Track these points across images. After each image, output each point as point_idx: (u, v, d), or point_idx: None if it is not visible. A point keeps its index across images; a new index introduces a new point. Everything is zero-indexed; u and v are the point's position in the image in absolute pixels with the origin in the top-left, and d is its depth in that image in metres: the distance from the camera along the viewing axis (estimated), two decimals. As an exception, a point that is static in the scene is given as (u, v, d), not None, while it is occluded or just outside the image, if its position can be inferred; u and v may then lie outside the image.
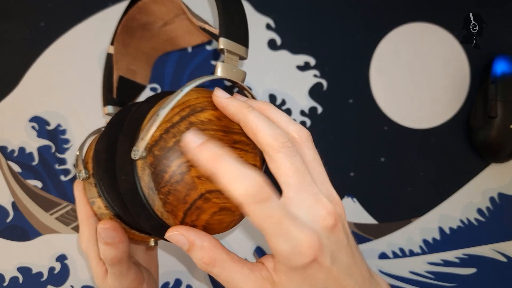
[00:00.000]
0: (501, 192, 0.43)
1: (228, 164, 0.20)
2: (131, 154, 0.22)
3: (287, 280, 0.22)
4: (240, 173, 0.20)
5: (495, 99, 0.41)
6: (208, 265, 0.23)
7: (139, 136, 0.22)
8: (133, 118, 0.24)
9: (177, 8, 0.32)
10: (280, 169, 0.22)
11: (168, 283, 0.41)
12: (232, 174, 0.20)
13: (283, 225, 0.21)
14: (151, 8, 0.32)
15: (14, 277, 0.41)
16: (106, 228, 0.27)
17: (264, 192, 0.20)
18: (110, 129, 0.26)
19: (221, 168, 0.20)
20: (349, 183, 0.42)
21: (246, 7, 0.43)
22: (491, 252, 0.43)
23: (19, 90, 0.42)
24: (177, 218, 0.23)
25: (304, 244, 0.21)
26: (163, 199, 0.23)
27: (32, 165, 0.41)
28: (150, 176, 0.22)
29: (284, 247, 0.21)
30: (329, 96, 0.43)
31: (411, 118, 0.44)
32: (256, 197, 0.20)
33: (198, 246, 0.23)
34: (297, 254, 0.21)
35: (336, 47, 0.43)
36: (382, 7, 0.44)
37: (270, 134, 0.22)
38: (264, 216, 0.20)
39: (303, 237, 0.21)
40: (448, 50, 0.44)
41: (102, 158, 0.25)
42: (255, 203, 0.20)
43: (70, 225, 0.41)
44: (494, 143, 0.41)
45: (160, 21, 0.34)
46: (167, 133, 0.22)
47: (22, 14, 0.42)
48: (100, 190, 0.26)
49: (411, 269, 0.42)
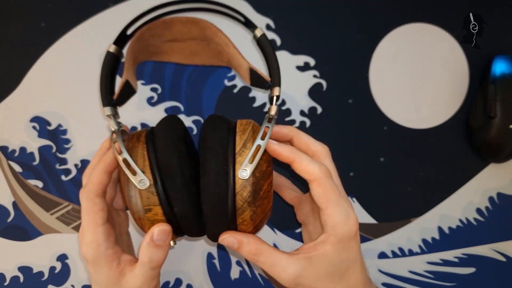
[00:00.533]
0: (500, 192, 0.43)
1: (302, 154, 0.30)
2: (236, 174, 0.29)
3: (332, 250, 0.29)
4: (311, 160, 0.30)
5: (495, 99, 0.41)
6: (255, 255, 0.29)
7: (239, 161, 0.29)
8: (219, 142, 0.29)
9: (199, 33, 0.37)
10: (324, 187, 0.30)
11: (168, 282, 0.41)
12: (307, 160, 0.29)
13: (340, 198, 0.29)
14: (175, 27, 0.35)
15: (15, 276, 0.41)
16: (165, 230, 0.30)
17: (329, 172, 0.30)
18: (177, 145, 0.30)
19: (298, 157, 0.30)
20: (348, 183, 0.42)
21: (245, 7, 0.43)
22: (490, 252, 0.43)
23: (20, 90, 0.42)
24: (254, 224, 0.30)
25: (353, 217, 0.29)
26: (254, 210, 0.29)
27: (32, 165, 0.42)
28: (251, 193, 0.29)
29: (340, 216, 0.29)
30: (328, 96, 0.43)
31: (411, 118, 0.44)
32: (327, 173, 0.29)
33: (245, 242, 0.29)
34: (348, 225, 0.29)
35: (335, 48, 0.44)
36: (381, 8, 0.44)
37: (314, 167, 0.30)
38: (330, 187, 0.29)
39: (352, 212, 0.30)
40: (447, 50, 0.44)
41: (176, 172, 0.29)
42: (326, 177, 0.29)
43: (70, 224, 0.41)
44: (494, 143, 0.41)
45: (171, 37, 0.37)
46: (261, 159, 0.29)
47: (23, 15, 0.42)
48: (164, 198, 0.29)
49: (411, 269, 0.43)
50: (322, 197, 0.29)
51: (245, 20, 0.36)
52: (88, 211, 0.31)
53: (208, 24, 0.36)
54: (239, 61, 0.35)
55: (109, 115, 0.32)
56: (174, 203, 0.29)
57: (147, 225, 0.30)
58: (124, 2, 0.42)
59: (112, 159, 0.32)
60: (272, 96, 0.33)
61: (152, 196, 0.29)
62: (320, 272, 0.29)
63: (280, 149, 0.30)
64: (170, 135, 0.30)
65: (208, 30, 0.36)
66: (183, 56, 0.39)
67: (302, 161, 0.29)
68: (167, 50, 0.38)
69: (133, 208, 0.30)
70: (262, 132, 0.30)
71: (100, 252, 0.30)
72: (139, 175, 0.29)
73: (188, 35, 0.37)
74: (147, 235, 0.30)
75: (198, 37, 0.37)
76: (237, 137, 0.30)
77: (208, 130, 0.30)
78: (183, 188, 0.29)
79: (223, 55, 0.38)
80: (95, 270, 0.31)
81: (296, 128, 0.33)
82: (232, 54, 0.36)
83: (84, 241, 0.30)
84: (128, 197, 0.30)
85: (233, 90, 0.43)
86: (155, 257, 0.30)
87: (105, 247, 0.31)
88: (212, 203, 0.29)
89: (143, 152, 0.30)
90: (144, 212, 0.29)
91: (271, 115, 0.31)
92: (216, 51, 0.38)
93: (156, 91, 0.42)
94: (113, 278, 0.31)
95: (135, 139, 0.31)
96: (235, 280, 0.42)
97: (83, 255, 0.31)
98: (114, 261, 0.31)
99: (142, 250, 0.30)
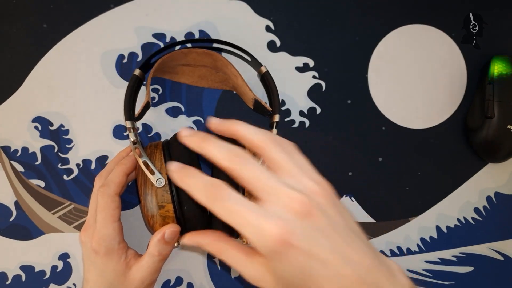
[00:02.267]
0: (498, 192, 0.44)
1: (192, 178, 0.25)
2: None
3: (275, 267, 0.23)
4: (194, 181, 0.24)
5: (492, 100, 0.41)
6: (217, 254, 0.27)
7: None
8: None
9: (210, 63, 0.41)
10: None
11: (169, 281, 0.42)
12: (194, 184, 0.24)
13: (245, 216, 0.23)
14: (191, 55, 0.40)
15: (17, 275, 0.41)
16: (175, 231, 0.34)
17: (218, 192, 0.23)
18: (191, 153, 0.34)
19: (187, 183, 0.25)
20: (347, 182, 0.43)
21: (245, 9, 0.43)
22: (488, 251, 0.43)
23: (22, 91, 0.42)
24: None
25: (267, 227, 0.22)
26: None
27: (35, 165, 0.42)
28: None
29: (250, 235, 0.23)
30: (327, 97, 0.44)
31: (409, 118, 0.44)
32: (210, 197, 0.23)
33: (206, 243, 0.28)
34: (263, 238, 0.22)
35: (334, 49, 0.44)
36: (380, 9, 0.44)
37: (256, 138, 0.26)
38: (226, 211, 0.23)
39: (264, 222, 0.22)
40: (445, 51, 0.44)
41: None
42: (214, 202, 0.23)
43: (72, 224, 0.42)
44: (491, 143, 0.42)
45: (185, 62, 0.42)
46: None
47: (25, 16, 0.42)
48: (176, 197, 0.34)
49: (409, 268, 0.43)
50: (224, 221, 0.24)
51: (252, 58, 0.41)
52: (107, 208, 0.34)
53: (220, 57, 0.40)
54: (245, 91, 0.40)
55: (129, 127, 0.36)
56: (185, 202, 0.34)
57: (159, 221, 0.34)
58: (126, 3, 0.43)
59: (131, 163, 0.37)
60: (273, 121, 0.38)
61: (166, 194, 0.34)
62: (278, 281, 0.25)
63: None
64: None
65: (220, 61, 0.40)
66: (192, 79, 0.43)
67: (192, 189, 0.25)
68: (179, 71, 0.42)
69: (147, 205, 0.34)
70: None
71: (113, 246, 0.34)
72: (156, 175, 0.33)
73: (200, 62, 0.42)
74: (158, 233, 0.34)
75: (209, 65, 0.42)
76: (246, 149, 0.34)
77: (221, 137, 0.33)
78: None
79: (229, 82, 0.42)
80: (105, 262, 0.34)
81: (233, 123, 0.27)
82: (240, 84, 0.40)
83: (97, 235, 0.34)
84: (144, 195, 0.34)
85: (233, 91, 0.43)
86: (163, 251, 0.34)
87: (118, 241, 0.35)
88: None
89: (160, 157, 0.35)
90: (158, 209, 0.34)
91: None
92: (223, 78, 0.42)
93: (157, 92, 0.43)
94: (120, 271, 0.34)
95: (153, 147, 0.36)
96: (235, 279, 0.42)
97: (95, 248, 0.34)
98: (123, 254, 0.35)
99: (152, 245, 0.34)
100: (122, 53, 0.42)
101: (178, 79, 0.43)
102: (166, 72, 0.42)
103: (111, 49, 0.42)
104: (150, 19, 0.43)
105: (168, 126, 0.42)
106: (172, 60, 0.40)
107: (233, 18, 0.43)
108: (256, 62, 0.41)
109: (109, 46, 0.42)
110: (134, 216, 0.42)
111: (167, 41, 0.43)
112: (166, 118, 0.42)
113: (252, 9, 0.43)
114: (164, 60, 0.39)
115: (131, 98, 0.38)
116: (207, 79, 0.43)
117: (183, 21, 0.43)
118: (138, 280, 0.34)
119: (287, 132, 0.43)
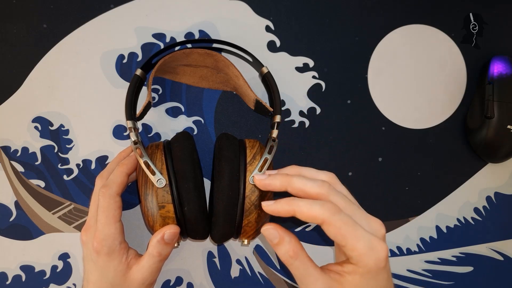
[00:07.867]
0: (497, 192, 0.44)
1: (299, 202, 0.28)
2: (247, 180, 0.33)
3: (360, 280, 0.28)
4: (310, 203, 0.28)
5: (492, 100, 0.41)
6: (291, 257, 0.29)
7: (249, 169, 0.34)
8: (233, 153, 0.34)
9: (212, 63, 0.41)
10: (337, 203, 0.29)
11: (169, 281, 0.42)
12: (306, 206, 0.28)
13: (357, 229, 0.27)
14: (193, 56, 0.40)
15: (17, 275, 0.41)
16: (175, 232, 0.34)
17: (334, 207, 0.28)
18: (191, 154, 0.34)
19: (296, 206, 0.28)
20: (347, 182, 0.43)
21: (245, 9, 0.43)
22: (488, 251, 0.43)
23: (22, 91, 0.42)
24: (256, 226, 0.34)
25: (378, 247, 0.27)
26: (258, 213, 0.33)
27: (35, 165, 0.42)
28: (258, 197, 0.33)
29: (363, 248, 0.27)
30: (327, 97, 0.44)
31: (409, 118, 0.44)
32: (332, 209, 0.27)
33: (287, 240, 0.29)
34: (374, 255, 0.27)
35: (334, 49, 0.44)
36: (380, 9, 0.44)
37: (312, 186, 0.29)
38: (342, 223, 0.27)
39: (376, 240, 0.28)
40: (445, 51, 0.44)
41: (189, 176, 0.33)
42: (333, 214, 0.27)
43: (72, 224, 0.42)
44: (491, 143, 0.42)
45: (187, 63, 0.41)
46: None
47: (25, 16, 0.42)
48: (176, 197, 0.33)
49: (409, 267, 0.43)
50: (337, 235, 0.27)
51: (253, 59, 0.41)
52: (109, 208, 0.34)
53: (222, 57, 0.40)
54: (247, 91, 0.40)
55: (130, 127, 0.36)
56: (185, 202, 0.33)
57: (159, 221, 0.34)
58: (126, 3, 0.43)
59: (132, 163, 0.37)
60: (274, 122, 0.38)
61: (167, 194, 0.33)
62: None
63: (278, 207, 0.29)
64: (185, 145, 0.35)
65: (221, 62, 0.40)
66: (193, 79, 0.43)
67: (302, 208, 0.28)
68: (180, 72, 0.42)
69: (148, 205, 0.34)
70: (268, 148, 0.35)
71: (115, 245, 0.34)
72: (157, 175, 0.33)
73: (202, 63, 0.41)
74: (158, 234, 0.33)
75: (210, 66, 0.42)
76: (247, 150, 0.35)
77: (223, 143, 0.35)
78: (194, 190, 0.33)
79: (230, 83, 0.42)
80: (106, 262, 0.34)
81: (286, 175, 0.31)
82: (241, 85, 0.40)
83: (99, 235, 0.34)
84: (144, 195, 0.34)
85: (233, 91, 0.43)
86: (163, 252, 0.34)
87: (120, 241, 0.35)
88: (225, 203, 0.33)
89: (161, 158, 0.34)
90: (158, 209, 0.33)
91: (273, 137, 0.36)
92: (224, 79, 0.42)
93: (157, 92, 0.43)
94: (121, 271, 0.34)
95: (154, 147, 0.35)
96: (235, 278, 0.42)
97: (97, 248, 0.34)
98: (124, 254, 0.35)
99: (152, 245, 0.34)
100: (122, 53, 0.42)
101: (179, 79, 0.43)
102: (167, 72, 0.42)
103: (111, 49, 0.43)
104: (150, 19, 0.43)
105: (168, 126, 0.42)
106: (173, 60, 0.40)
107: (233, 18, 0.43)
108: (257, 63, 0.41)
109: (109, 46, 0.43)
110: (134, 216, 0.42)
111: (167, 41, 0.43)
112: (166, 118, 0.42)
113: (252, 9, 0.43)
114: (165, 60, 0.39)
115: (133, 98, 0.38)
116: (208, 80, 0.43)
117: (183, 21, 0.43)
118: (139, 280, 0.34)
119: (287, 132, 0.43)
